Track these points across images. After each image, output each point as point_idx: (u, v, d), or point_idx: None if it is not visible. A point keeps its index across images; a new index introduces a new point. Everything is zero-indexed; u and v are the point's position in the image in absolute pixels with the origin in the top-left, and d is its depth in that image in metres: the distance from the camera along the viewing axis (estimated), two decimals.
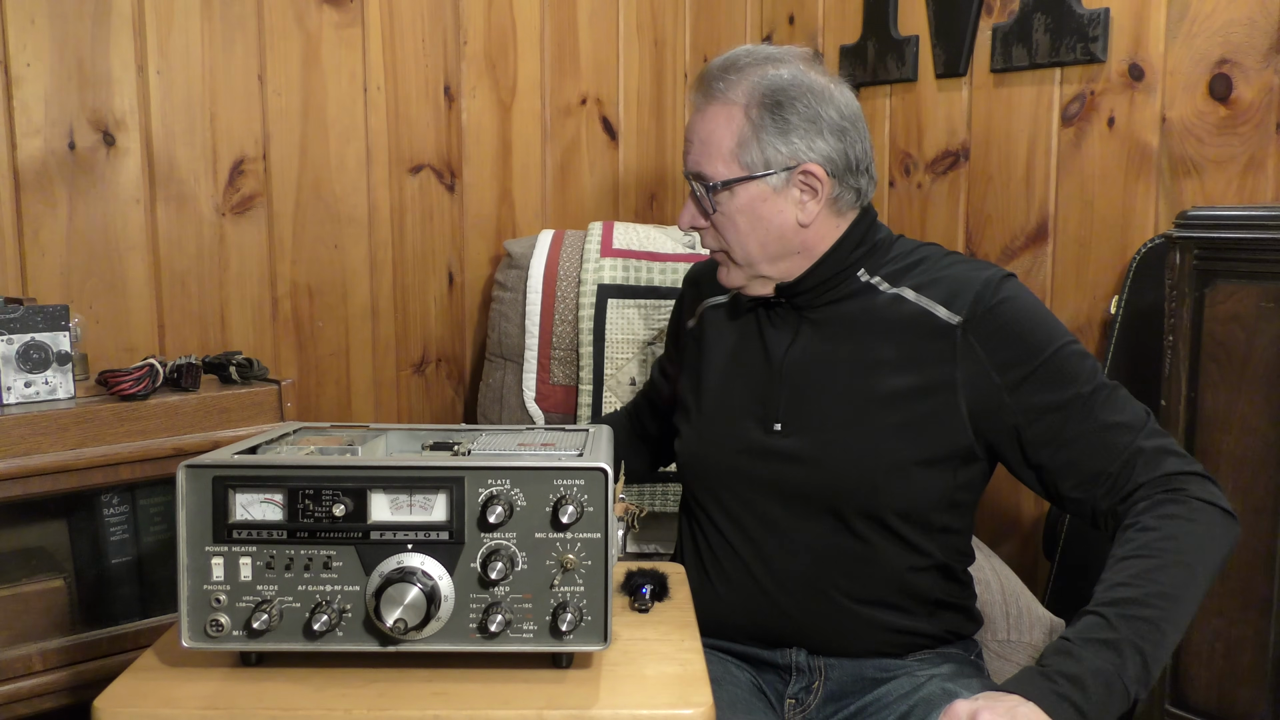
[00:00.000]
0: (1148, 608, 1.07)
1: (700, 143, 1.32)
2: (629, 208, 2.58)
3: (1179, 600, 1.09)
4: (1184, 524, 1.12)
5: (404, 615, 0.91)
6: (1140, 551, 1.12)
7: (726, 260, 1.36)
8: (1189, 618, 1.11)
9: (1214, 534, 1.14)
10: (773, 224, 1.31)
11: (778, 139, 1.29)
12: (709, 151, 1.31)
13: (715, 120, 1.31)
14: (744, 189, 1.30)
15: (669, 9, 2.59)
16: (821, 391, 1.30)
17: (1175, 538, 1.12)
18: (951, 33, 2.06)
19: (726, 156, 1.31)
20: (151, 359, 1.56)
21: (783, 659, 1.32)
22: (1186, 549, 1.11)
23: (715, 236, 1.35)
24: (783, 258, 1.33)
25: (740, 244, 1.33)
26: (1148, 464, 1.18)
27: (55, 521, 1.52)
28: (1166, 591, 1.09)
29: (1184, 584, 1.10)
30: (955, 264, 1.32)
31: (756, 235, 1.32)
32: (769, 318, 1.39)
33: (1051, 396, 1.22)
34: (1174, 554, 1.11)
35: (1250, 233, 1.39)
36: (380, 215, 2.23)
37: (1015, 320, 1.24)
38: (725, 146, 1.30)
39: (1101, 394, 1.22)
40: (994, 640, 1.60)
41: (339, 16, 2.14)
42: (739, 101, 1.30)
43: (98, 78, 1.89)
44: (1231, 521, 1.16)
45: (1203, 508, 1.14)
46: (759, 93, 1.29)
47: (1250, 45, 1.65)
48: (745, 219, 1.32)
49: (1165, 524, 1.13)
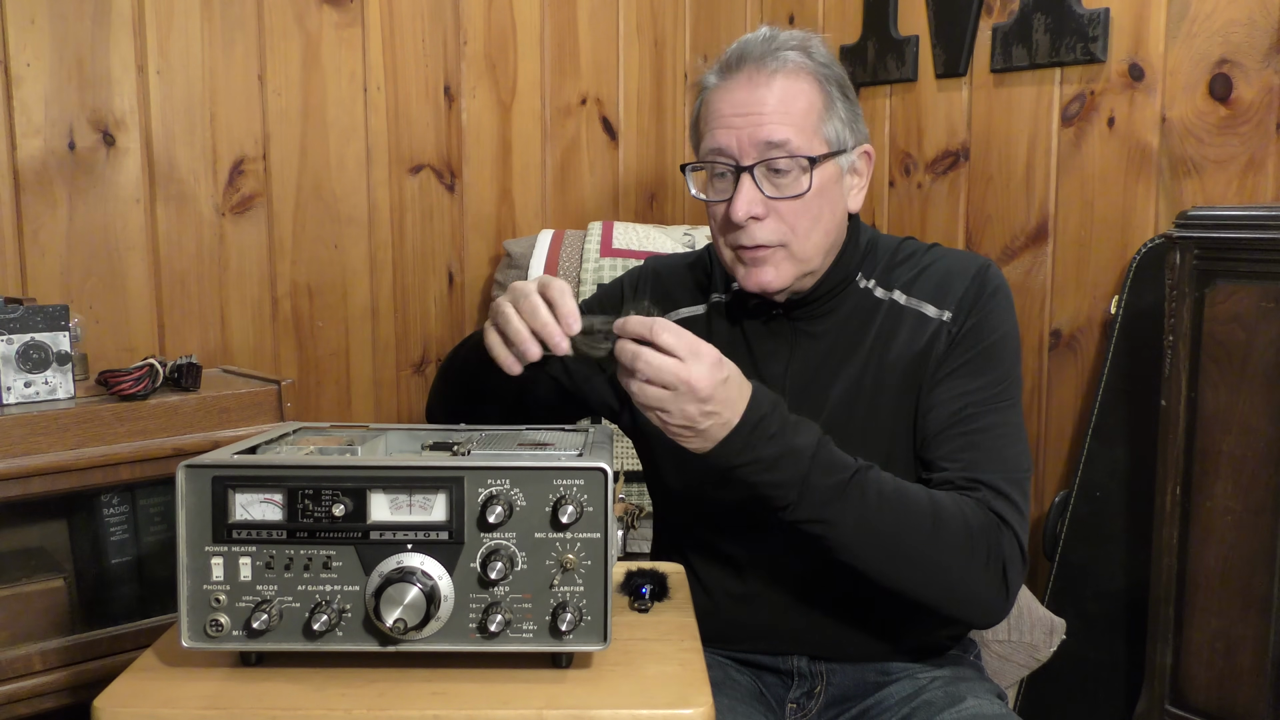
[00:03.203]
0: (883, 500, 1.09)
1: (778, 111, 1.18)
2: (629, 208, 2.58)
3: (898, 534, 1.09)
4: (961, 524, 1.11)
5: (404, 615, 0.91)
6: (919, 495, 1.12)
7: (779, 258, 1.21)
8: (883, 550, 1.10)
9: (966, 562, 1.12)
10: (837, 210, 1.23)
11: (851, 115, 1.23)
12: (793, 120, 1.18)
13: (793, 87, 1.19)
14: (824, 168, 1.21)
15: (669, 9, 2.59)
16: (825, 412, 1.24)
17: (947, 519, 1.11)
18: (951, 33, 2.06)
19: (811, 128, 1.19)
20: (151, 359, 1.56)
21: (784, 664, 1.30)
22: (946, 532, 1.11)
23: (778, 225, 1.20)
24: (831, 251, 1.25)
25: (808, 234, 1.20)
26: (986, 492, 1.16)
27: (55, 521, 1.52)
28: (905, 518, 1.09)
29: (915, 536, 1.10)
30: (938, 258, 1.29)
31: (824, 223, 1.21)
32: (757, 332, 1.30)
33: (968, 384, 1.21)
34: (933, 522, 1.10)
35: (1250, 233, 1.39)
36: (380, 215, 2.23)
37: (989, 329, 1.23)
38: (811, 117, 1.19)
39: (1006, 418, 1.20)
40: (994, 640, 1.60)
41: (339, 16, 2.13)
42: (814, 73, 1.21)
43: (98, 78, 1.89)
44: (996, 582, 1.13)
45: (985, 543, 1.12)
46: (828, 68, 1.22)
47: (1250, 45, 1.65)
48: (820, 203, 1.20)
49: (956, 506, 1.12)
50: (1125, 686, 1.75)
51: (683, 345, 0.99)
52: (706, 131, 1.23)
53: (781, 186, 1.20)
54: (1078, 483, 1.83)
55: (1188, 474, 1.47)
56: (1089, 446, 1.82)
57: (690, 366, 0.99)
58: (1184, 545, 1.48)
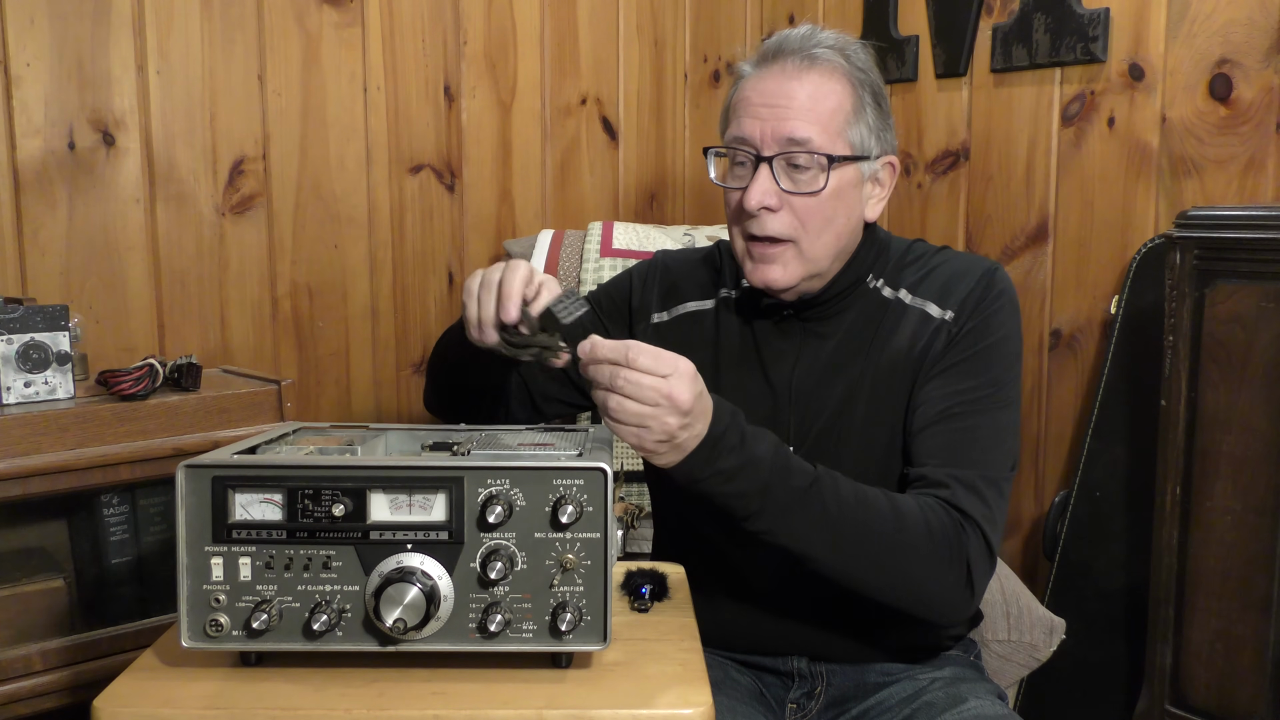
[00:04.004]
0: (843, 506, 1.08)
1: (805, 108, 1.18)
2: (629, 208, 2.58)
3: (860, 539, 1.09)
4: (922, 527, 1.11)
5: (403, 615, 0.91)
6: (879, 499, 1.11)
7: (789, 255, 1.22)
8: (845, 555, 1.10)
9: (928, 564, 1.11)
10: (853, 215, 1.24)
11: (881, 124, 1.23)
12: (818, 118, 1.18)
13: (824, 87, 1.19)
14: (844, 170, 1.21)
15: (669, 9, 2.59)
16: (833, 412, 1.25)
17: (908, 523, 1.10)
18: (951, 33, 2.06)
19: (835, 129, 1.19)
20: (151, 359, 1.56)
21: (783, 665, 1.30)
22: (907, 535, 1.10)
23: (790, 220, 1.20)
24: (841, 258, 1.26)
25: (818, 233, 1.21)
26: (957, 488, 1.15)
27: (55, 521, 1.52)
28: (866, 523, 1.09)
29: (876, 540, 1.09)
30: (946, 260, 1.30)
31: (836, 226, 1.22)
32: (767, 332, 1.30)
33: (959, 383, 1.21)
34: (894, 526, 1.10)
35: (1250, 233, 1.39)
36: (380, 215, 2.23)
37: (989, 331, 1.23)
38: (838, 118, 1.19)
39: (995, 420, 1.20)
40: (994, 640, 1.60)
41: (339, 16, 2.13)
42: (848, 75, 1.21)
43: (98, 78, 1.89)
44: (960, 582, 1.13)
45: (947, 543, 1.12)
46: (864, 73, 1.22)
47: (1250, 45, 1.65)
48: (834, 205, 1.20)
49: (917, 509, 1.12)
50: (1125, 686, 1.75)
51: (663, 364, 0.99)
52: (734, 119, 1.24)
53: (799, 182, 1.20)
54: (1078, 482, 1.83)
55: (1188, 474, 1.47)
56: (1089, 446, 1.82)
57: (672, 382, 0.98)
58: (1184, 545, 1.48)
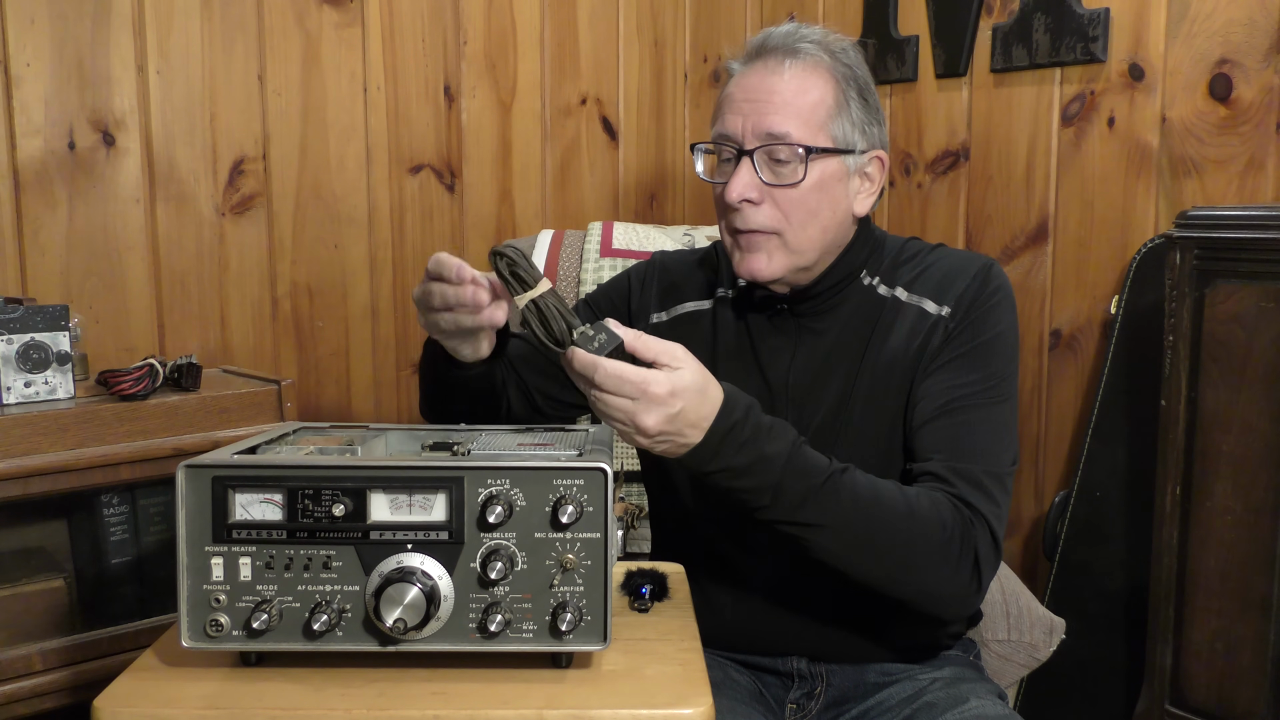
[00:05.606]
0: (857, 501, 1.09)
1: (785, 103, 1.20)
2: (629, 208, 2.58)
3: (873, 534, 1.10)
4: (935, 522, 1.12)
5: (404, 615, 0.91)
6: (893, 494, 1.12)
7: (773, 245, 1.23)
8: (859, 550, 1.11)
9: (940, 560, 1.12)
10: (839, 209, 1.24)
11: (866, 119, 1.23)
12: (798, 112, 1.19)
13: (806, 81, 1.21)
14: (826, 162, 1.21)
15: (669, 9, 2.59)
16: (830, 409, 1.25)
17: (921, 518, 1.11)
18: (951, 33, 2.06)
19: (816, 123, 1.20)
20: (151, 359, 1.56)
21: (783, 665, 1.30)
22: (920, 530, 1.11)
23: (773, 213, 1.21)
24: (830, 251, 1.26)
25: (803, 225, 1.22)
26: (962, 484, 1.16)
27: (55, 521, 1.52)
28: (880, 518, 1.09)
29: (889, 535, 1.10)
30: (942, 257, 1.31)
31: (822, 219, 1.22)
32: (762, 328, 1.31)
33: (958, 378, 1.21)
34: (907, 521, 1.10)
35: (1250, 233, 1.39)
36: (380, 215, 2.23)
37: (986, 326, 1.24)
38: (819, 111, 1.20)
39: (994, 414, 1.20)
40: (994, 640, 1.60)
41: (339, 16, 2.13)
42: (831, 69, 1.22)
43: (98, 78, 1.89)
44: (968, 577, 1.14)
45: (958, 540, 1.12)
46: (848, 68, 1.23)
47: (1250, 45, 1.65)
48: (818, 197, 1.21)
49: (930, 504, 1.12)
50: (1125, 686, 1.75)
51: (627, 387, 0.99)
52: (719, 116, 1.26)
53: (780, 175, 1.21)
54: (1078, 483, 1.83)
55: (1188, 474, 1.47)
56: (1089, 446, 1.82)
57: (638, 406, 1.00)
58: (1184, 545, 1.48)
